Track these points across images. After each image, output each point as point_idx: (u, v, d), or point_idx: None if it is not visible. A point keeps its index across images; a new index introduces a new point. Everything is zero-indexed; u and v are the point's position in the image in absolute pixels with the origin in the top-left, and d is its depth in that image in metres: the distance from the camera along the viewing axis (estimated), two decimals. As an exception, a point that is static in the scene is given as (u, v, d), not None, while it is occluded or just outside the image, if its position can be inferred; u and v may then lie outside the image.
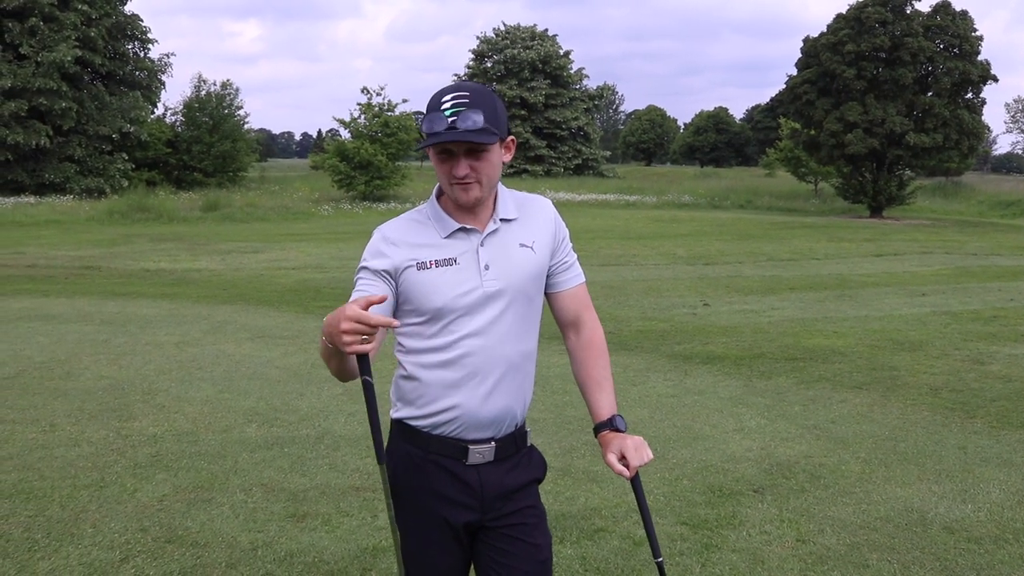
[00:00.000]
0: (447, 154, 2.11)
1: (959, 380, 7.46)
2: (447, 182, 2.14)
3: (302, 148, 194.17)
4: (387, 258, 2.17)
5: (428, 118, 2.07)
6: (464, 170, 2.10)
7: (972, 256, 19.55)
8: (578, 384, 2.39)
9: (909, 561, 4.02)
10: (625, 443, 2.20)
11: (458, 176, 2.10)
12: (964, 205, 42.87)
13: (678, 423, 6.16)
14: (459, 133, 2.04)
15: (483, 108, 2.07)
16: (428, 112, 2.09)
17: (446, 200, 2.23)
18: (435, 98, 2.10)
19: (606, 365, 2.36)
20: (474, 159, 2.10)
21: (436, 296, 2.14)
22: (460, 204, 2.16)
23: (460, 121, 2.04)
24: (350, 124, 37.01)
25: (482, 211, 2.21)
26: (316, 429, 5.89)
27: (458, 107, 2.05)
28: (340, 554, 4.02)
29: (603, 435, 2.28)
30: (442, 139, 2.05)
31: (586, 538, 4.23)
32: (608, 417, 2.28)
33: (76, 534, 4.17)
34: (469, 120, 2.04)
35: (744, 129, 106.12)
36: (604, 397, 2.32)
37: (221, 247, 19.77)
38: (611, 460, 2.20)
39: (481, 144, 2.09)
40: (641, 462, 2.18)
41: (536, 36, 65.76)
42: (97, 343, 8.55)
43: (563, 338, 2.40)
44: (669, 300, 12.33)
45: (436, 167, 2.14)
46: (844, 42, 33.58)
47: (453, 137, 2.04)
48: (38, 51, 34.21)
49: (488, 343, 2.17)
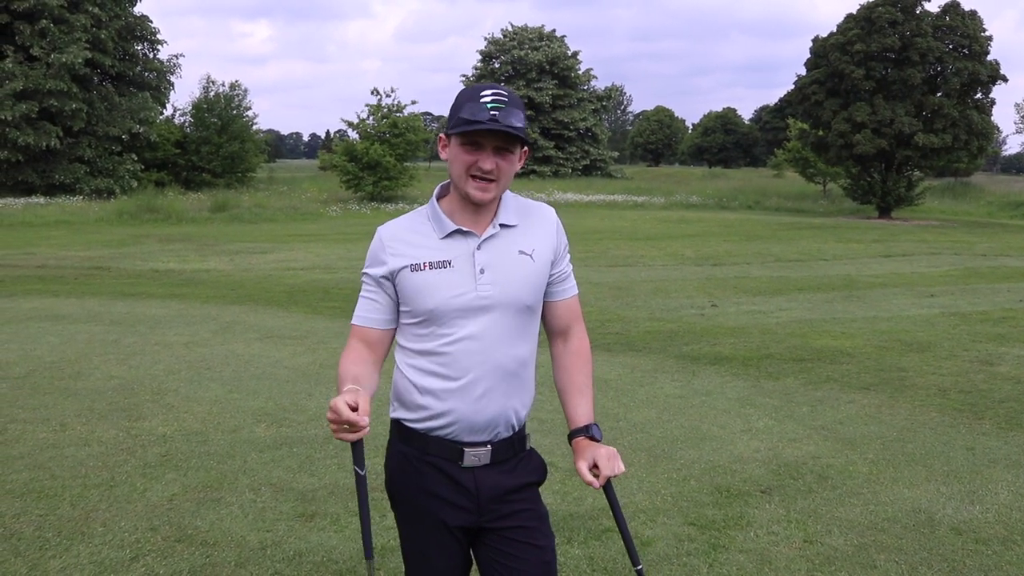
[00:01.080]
0: (475, 146, 2.10)
1: (968, 381, 7.44)
2: (465, 174, 2.13)
3: (310, 149, 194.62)
4: (384, 264, 2.21)
5: (468, 107, 2.07)
6: (491, 164, 2.10)
7: (981, 257, 19.48)
8: (559, 389, 2.38)
9: (917, 562, 4.01)
10: (598, 452, 2.20)
11: (485, 169, 2.10)
12: (973, 206, 42.71)
13: (686, 424, 6.16)
14: (503, 126, 2.05)
15: (520, 110, 2.11)
16: (465, 102, 2.09)
17: (446, 202, 2.24)
18: (472, 91, 2.11)
19: (589, 374, 2.37)
20: (500, 158, 2.12)
21: (429, 298, 2.15)
22: (472, 200, 2.15)
23: (502, 116, 2.05)
24: (358, 125, 37.07)
25: (483, 215, 2.21)
26: (325, 429, 5.90)
27: (499, 103, 2.07)
28: (349, 554, 4.04)
29: (577, 441, 2.27)
30: (486, 127, 2.05)
31: (593, 538, 4.23)
32: (585, 424, 2.28)
33: (87, 533, 4.19)
34: (512, 117, 2.07)
35: (752, 130, 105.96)
36: (584, 404, 2.32)
37: (230, 248, 19.82)
38: (581, 468, 2.20)
39: (513, 144, 2.11)
40: (612, 473, 2.17)
41: (544, 37, 65.74)
42: (107, 343, 8.59)
43: (549, 344, 2.40)
44: (677, 301, 12.32)
45: (456, 157, 2.13)
46: (853, 42, 33.49)
47: (498, 127, 2.04)
48: (49, 53, 34.36)
49: (481, 348, 2.17)
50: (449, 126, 2.13)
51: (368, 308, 2.26)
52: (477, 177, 2.12)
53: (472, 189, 2.13)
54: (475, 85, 2.15)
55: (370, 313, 2.26)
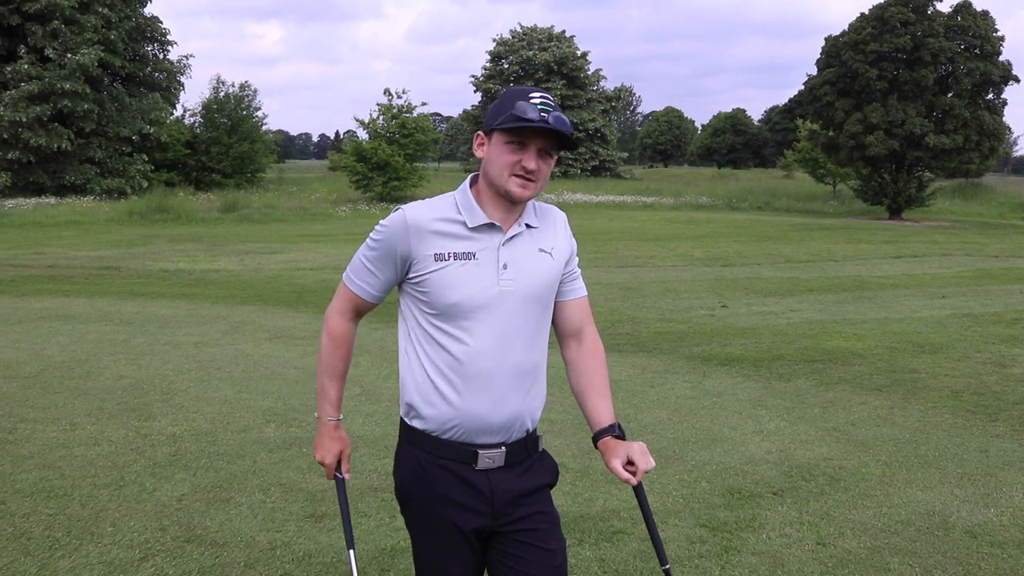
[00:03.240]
0: (519, 145, 2.11)
1: (980, 383, 7.39)
2: (507, 173, 2.13)
3: (319, 149, 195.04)
4: (407, 247, 2.16)
5: (519, 105, 2.08)
6: (536, 164, 2.12)
7: (993, 258, 19.38)
8: (576, 392, 2.36)
9: (930, 565, 3.98)
10: (631, 448, 2.18)
11: (529, 168, 2.11)
12: (984, 207, 42.50)
13: (697, 425, 6.13)
14: (554, 126, 2.08)
15: (565, 116, 2.15)
16: (516, 99, 2.10)
17: (478, 191, 2.22)
18: (520, 91, 2.14)
19: (606, 375, 2.35)
20: (543, 159, 2.14)
21: (453, 291, 2.13)
22: (511, 198, 2.15)
23: (552, 119, 2.08)
24: (368, 125, 37.12)
25: (512, 213, 2.21)
26: (334, 429, 5.89)
27: (547, 106, 2.10)
28: (358, 554, 4.02)
29: (604, 442, 2.24)
30: (539, 125, 2.07)
31: (605, 540, 4.21)
32: (609, 424, 2.26)
33: (96, 533, 4.19)
34: (560, 121, 2.10)
35: (762, 130, 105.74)
36: (605, 404, 2.30)
37: (239, 248, 19.86)
38: (616, 466, 2.17)
39: (555, 147, 2.15)
40: (648, 467, 2.17)
41: (552, 37, 65.76)
42: (117, 343, 8.61)
43: (561, 348, 2.38)
44: (687, 302, 12.28)
45: (500, 155, 2.13)
46: (867, 41, 33.36)
47: (551, 126, 2.07)
48: (62, 54, 34.50)
49: (499, 346, 2.15)
50: (495, 123, 2.13)
51: (368, 278, 2.26)
52: (519, 176, 2.13)
53: (514, 187, 2.13)
54: (521, 87, 2.17)
55: (369, 286, 2.27)
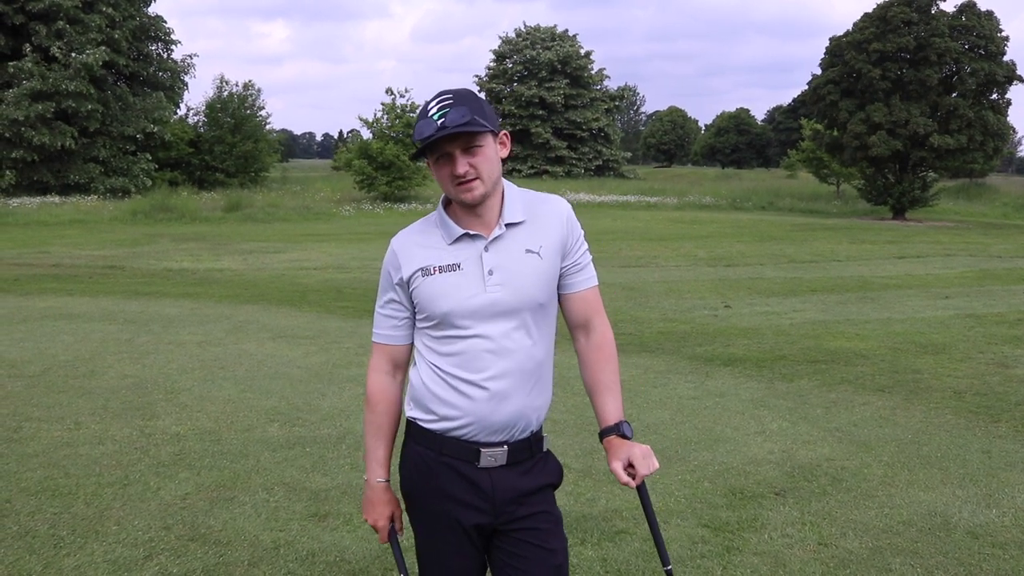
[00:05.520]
0: (445, 158, 2.14)
1: (983, 384, 7.39)
2: (450, 186, 2.16)
3: (323, 149, 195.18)
4: (399, 271, 2.25)
5: (419, 127, 2.11)
6: (464, 167, 2.13)
7: (996, 259, 19.34)
8: (586, 387, 2.37)
9: (932, 566, 3.98)
10: (633, 451, 2.18)
11: (459, 174, 2.13)
12: (988, 207, 42.41)
13: (699, 425, 6.14)
14: (449, 129, 2.07)
15: (467, 104, 2.11)
16: (418, 121, 2.13)
17: (454, 208, 2.26)
18: (421, 110, 2.17)
19: (615, 370, 2.35)
20: (471, 156, 2.13)
21: (442, 301, 2.18)
22: (466, 204, 2.18)
23: (448, 120, 2.08)
24: (373, 124, 37.14)
25: (488, 215, 2.22)
26: (338, 429, 5.92)
27: (444, 108, 2.10)
28: (361, 553, 4.04)
29: (609, 440, 2.25)
30: (435, 136, 2.08)
31: (607, 540, 4.22)
32: (615, 422, 2.26)
33: (101, 531, 4.21)
34: (456, 114, 2.08)
35: (765, 130, 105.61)
36: (612, 402, 2.30)
37: (243, 247, 19.89)
38: (616, 468, 2.17)
39: (474, 139, 2.12)
40: (648, 471, 2.16)
41: (556, 37, 65.74)
42: (120, 342, 8.63)
43: (572, 340, 2.39)
44: (690, 302, 12.28)
45: (437, 174, 2.18)
46: (870, 40, 33.31)
47: (444, 132, 2.07)
48: (67, 53, 34.55)
49: (497, 348, 2.17)
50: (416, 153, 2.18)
51: (389, 325, 2.31)
52: (459, 184, 2.15)
53: (461, 194, 2.16)
54: (426, 102, 2.18)
55: (392, 331, 2.31)
